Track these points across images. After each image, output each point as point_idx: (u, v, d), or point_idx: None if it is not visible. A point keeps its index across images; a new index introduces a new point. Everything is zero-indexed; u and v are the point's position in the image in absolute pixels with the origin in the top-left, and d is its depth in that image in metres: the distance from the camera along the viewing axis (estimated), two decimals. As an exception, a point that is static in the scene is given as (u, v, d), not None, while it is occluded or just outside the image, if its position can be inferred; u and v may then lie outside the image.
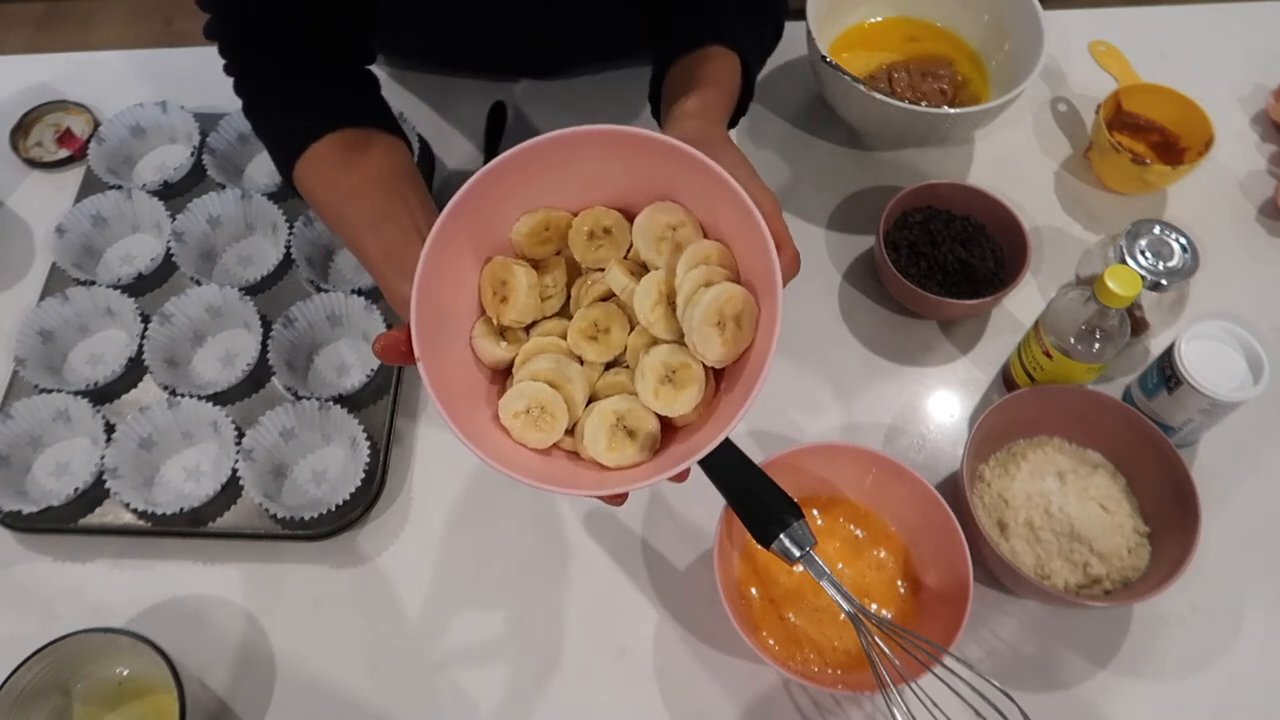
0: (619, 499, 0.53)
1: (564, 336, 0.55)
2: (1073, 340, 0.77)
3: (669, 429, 0.53)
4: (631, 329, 0.54)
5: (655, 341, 0.53)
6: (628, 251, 0.55)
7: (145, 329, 0.86)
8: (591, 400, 0.54)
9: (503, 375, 0.56)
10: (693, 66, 0.72)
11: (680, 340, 0.52)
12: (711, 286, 0.50)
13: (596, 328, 0.54)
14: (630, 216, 0.55)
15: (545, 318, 0.56)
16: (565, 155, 0.52)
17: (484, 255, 0.55)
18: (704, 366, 0.52)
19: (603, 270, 0.55)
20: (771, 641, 0.72)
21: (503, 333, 0.55)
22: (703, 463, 0.58)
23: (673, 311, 0.52)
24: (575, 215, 0.55)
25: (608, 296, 0.55)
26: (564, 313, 0.56)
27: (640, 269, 0.54)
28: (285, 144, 0.71)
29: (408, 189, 0.68)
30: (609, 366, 0.55)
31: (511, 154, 0.51)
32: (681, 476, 0.51)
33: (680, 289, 0.51)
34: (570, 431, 0.53)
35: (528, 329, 0.56)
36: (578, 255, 0.55)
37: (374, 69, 0.78)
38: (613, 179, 0.54)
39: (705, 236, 0.54)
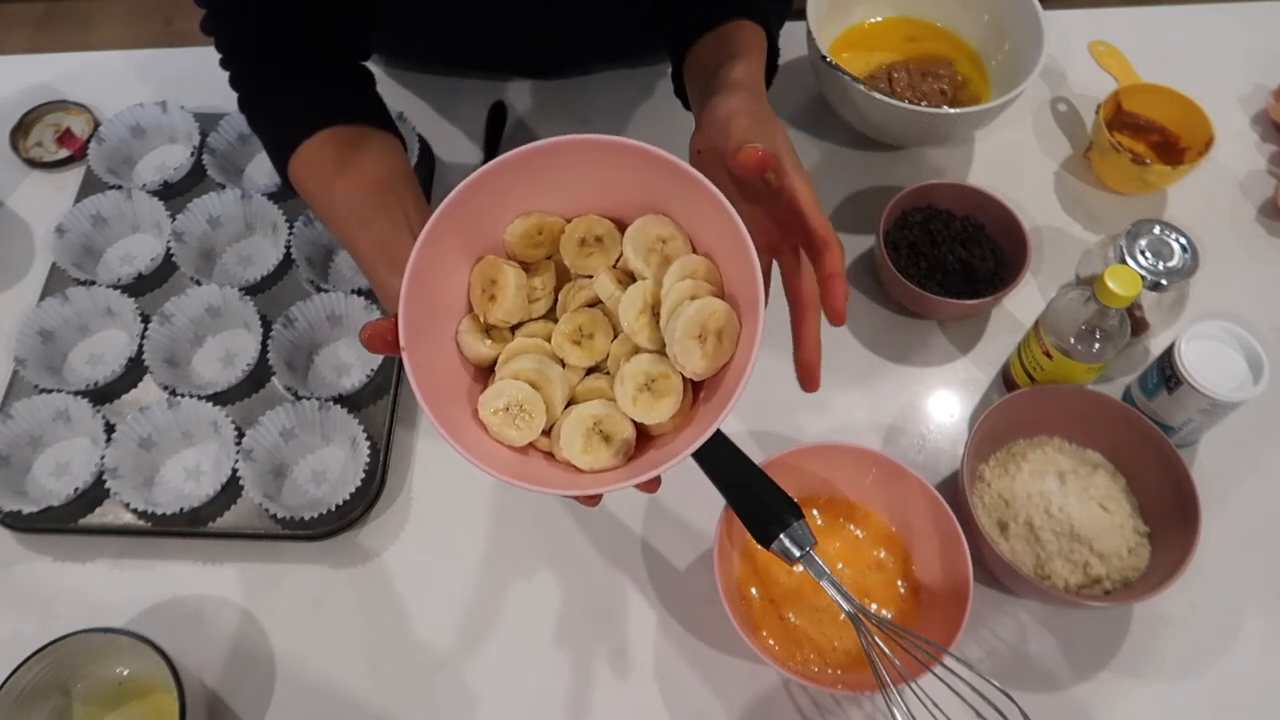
0: (592, 500, 0.53)
1: (548, 339, 0.55)
2: (1073, 340, 0.77)
3: (644, 437, 0.54)
4: (615, 336, 0.55)
5: (637, 350, 0.53)
6: (617, 260, 0.56)
7: (145, 329, 0.86)
8: (571, 403, 0.54)
9: (486, 373, 0.56)
10: (723, 37, 0.71)
11: (662, 350, 0.53)
12: (696, 300, 0.51)
13: (581, 332, 0.54)
14: (622, 225, 0.55)
15: (532, 319, 0.56)
16: (562, 161, 0.53)
17: (476, 254, 0.56)
18: (683, 378, 0.52)
19: (591, 277, 0.55)
20: (771, 641, 0.72)
21: (489, 331, 0.55)
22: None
23: (656, 322, 0.53)
24: (568, 221, 0.56)
25: (594, 303, 0.56)
26: (550, 316, 0.57)
27: (628, 278, 0.55)
28: (281, 140, 0.71)
29: (401, 186, 0.68)
30: (590, 372, 0.55)
31: (509, 157, 0.51)
32: (652, 485, 0.52)
33: (665, 300, 0.52)
34: (548, 433, 0.54)
35: (514, 329, 0.56)
36: (568, 261, 0.56)
37: (373, 68, 0.78)
38: (607, 187, 0.54)
39: (694, 251, 0.54)
